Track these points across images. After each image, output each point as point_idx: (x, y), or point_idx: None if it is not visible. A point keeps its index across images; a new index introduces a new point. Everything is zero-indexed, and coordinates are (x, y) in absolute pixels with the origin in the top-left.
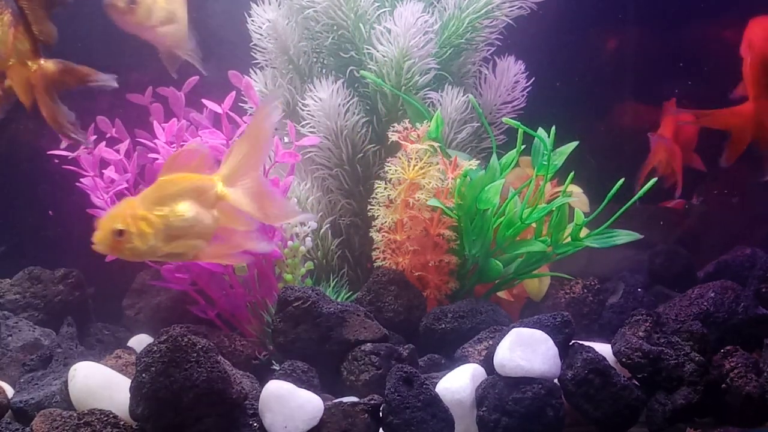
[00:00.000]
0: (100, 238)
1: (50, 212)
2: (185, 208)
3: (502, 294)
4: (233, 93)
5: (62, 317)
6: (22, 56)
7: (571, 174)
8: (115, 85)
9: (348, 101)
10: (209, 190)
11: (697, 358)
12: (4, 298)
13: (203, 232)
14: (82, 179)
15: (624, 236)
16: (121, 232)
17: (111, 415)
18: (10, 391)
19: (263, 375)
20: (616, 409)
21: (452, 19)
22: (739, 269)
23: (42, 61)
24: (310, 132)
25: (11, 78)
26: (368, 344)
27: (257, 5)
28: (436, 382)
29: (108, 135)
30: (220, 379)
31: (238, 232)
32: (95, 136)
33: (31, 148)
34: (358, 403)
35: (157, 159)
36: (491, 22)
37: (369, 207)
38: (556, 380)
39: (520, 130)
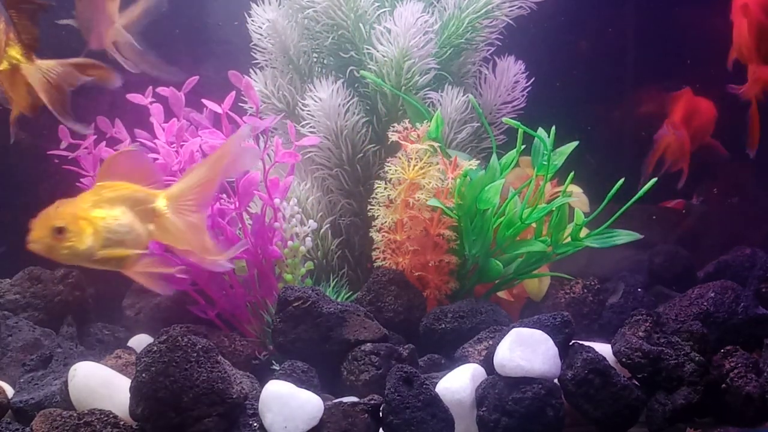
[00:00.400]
0: (37, 237)
1: None
2: (120, 214)
3: (502, 294)
4: (233, 93)
5: (62, 317)
6: (13, 60)
7: (571, 174)
8: (118, 83)
9: (348, 101)
10: (147, 204)
11: (697, 358)
12: (4, 298)
13: (136, 242)
14: (82, 179)
15: (624, 236)
16: (61, 230)
17: (111, 415)
18: (10, 391)
19: (263, 375)
20: (616, 409)
21: (452, 19)
22: (739, 269)
23: (36, 62)
24: (310, 132)
25: (4, 83)
26: (368, 344)
27: (257, 5)
28: (436, 382)
29: (108, 135)
30: (220, 379)
31: (191, 252)
32: (95, 136)
33: (30, 148)
34: (358, 403)
35: (158, 159)
36: (491, 22)
37: (369, 207)
38: (556, 380)
39: (520, 130)
